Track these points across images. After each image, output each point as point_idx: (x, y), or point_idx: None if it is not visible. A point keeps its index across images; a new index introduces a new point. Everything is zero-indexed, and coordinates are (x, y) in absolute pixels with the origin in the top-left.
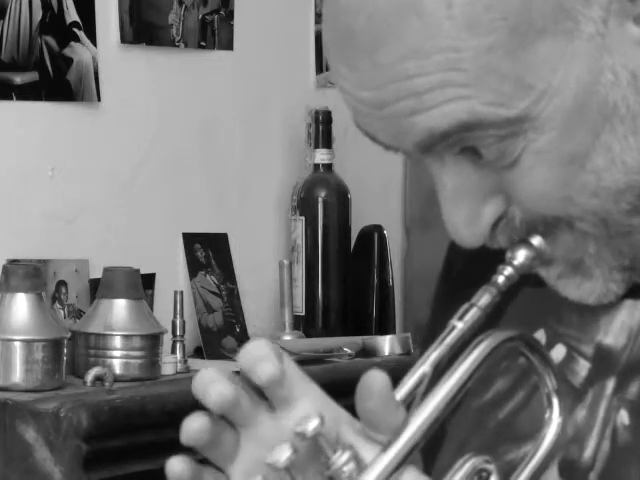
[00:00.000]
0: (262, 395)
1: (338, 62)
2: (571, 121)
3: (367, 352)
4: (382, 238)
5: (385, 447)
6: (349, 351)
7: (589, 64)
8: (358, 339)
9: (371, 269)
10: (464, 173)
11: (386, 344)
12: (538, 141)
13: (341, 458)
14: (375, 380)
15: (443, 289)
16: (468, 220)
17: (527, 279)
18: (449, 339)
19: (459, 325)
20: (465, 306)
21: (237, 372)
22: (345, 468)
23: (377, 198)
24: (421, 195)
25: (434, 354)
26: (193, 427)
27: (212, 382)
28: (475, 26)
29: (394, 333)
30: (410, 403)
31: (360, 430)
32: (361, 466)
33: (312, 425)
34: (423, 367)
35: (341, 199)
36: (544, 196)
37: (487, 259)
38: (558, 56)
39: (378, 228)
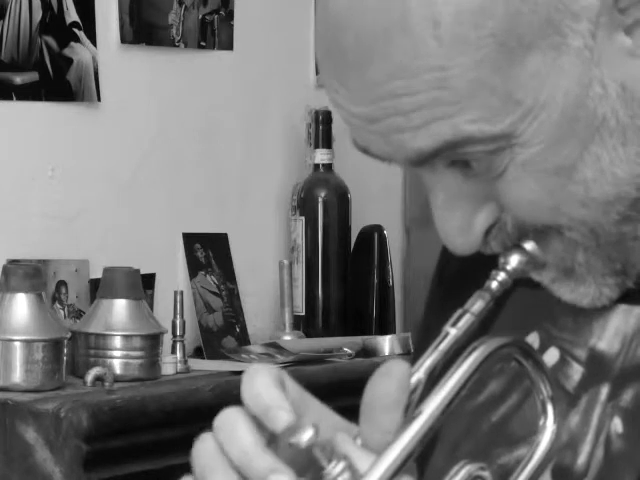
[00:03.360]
0: None
1: (329, 77)
2: (558, 135)
3: (367, 352)
4: (382, 238)
5: (380, 456)
6: (349, 351)
7: (577, 78)
8: (358, 339)
9: (371, 269)
10: (456, 182)
11: (386, 344)
12: (524, 154)
13: (336, 468)
14: (398, 366)
15: (436, 292)
16: (461, 228)
17: (521, 280)
18: (443, 345)
19: (452, 331)
20: (459, 312)
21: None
22: (340, 478)
23: (377, 198)
24: (421, 195)
25: (428, 361)
26: None
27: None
28: (463, 44)
29: (394, 333)
30: (405, 410)
31: (356, 436)
32: (356, 476)
33: (307, 436)
34: (417, 374)
35: (341, 199)
36: (531, 205)
37: (481, 262)
38: (546, 71)
39: (378, 228)
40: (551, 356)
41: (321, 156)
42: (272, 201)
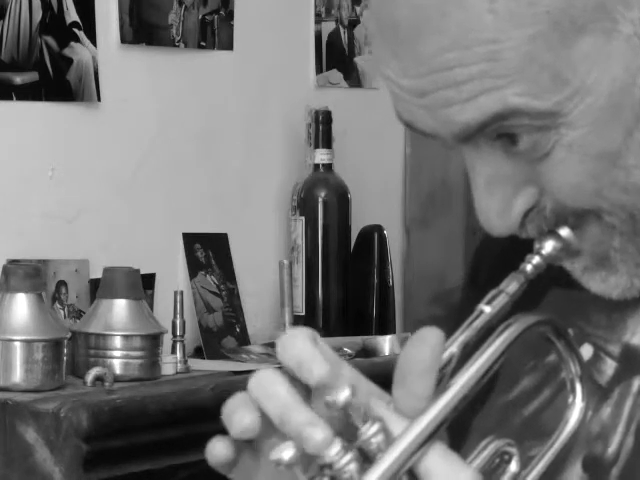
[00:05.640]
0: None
1: (382, 50)
2: (604, 119)
3: (367, 352)
4: (382, 238)
5: (413, 421)
6: (349, 351)
7: (625, 65)
8: (358, 339)
9: (371, 269)
10: (498, 162)
11: (386, 344)
12: (570, 136)
13: (370, 429)
14: (432, 333)
15: (471, 295)
16: (500, 209)
17: (556, 280)
18: (477, 323)
19: (487, 309)
20: (493, 292)
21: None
22: (374, 439)
23: (377, 198)
24: (421, 195)
25: (462, 336)
26: (217, 450)
27: (236, 409)
28: (518, 19)
29: (394, 333)
30: (439, 382)
31: (389, 402)
32: (390, 439)
33: (343, 395)
34: (451, 348)
35: (341, 199)
36: (574, 188)
37: (515, 264)
38: (595, 55)
39: (378, 228)
40: (585, 352)
41: (321, 156)
42: (272, 201)
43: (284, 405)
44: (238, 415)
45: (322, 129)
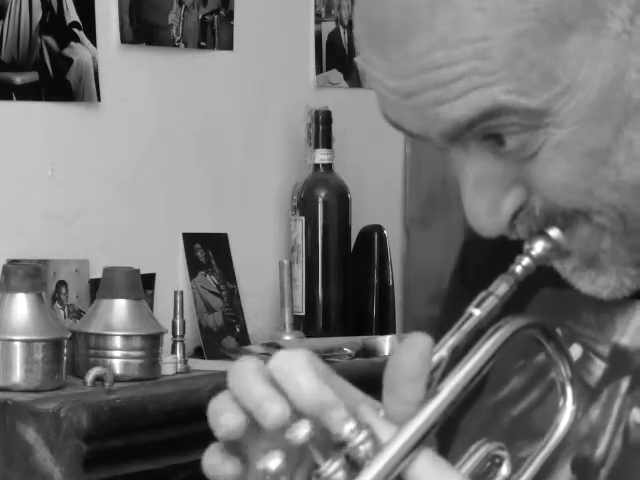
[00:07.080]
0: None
1: (369, 51)
2: (593, 117)
3: (367, 352)
4: (382, 238)
5: (402, 427)
6: (349, 351)
7: (615, 61)
8: (358, 339)
9: (371, 269)
10: (487, 163)
11: (386, 344)
12: (558, 135)
13: (358, 437)
14: (421, 338)
15: (458, 289)
16: (489, 209)
17: (546, 281)
18: (466, 326)
19: (476, 312)
20: (482, 294)
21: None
22: (362, 447)
23: (377, 198)
24: (421, 195)
25: (451, 340)
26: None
27: (222, 411)
28: (506, 16)
29: (394, 333)
30: (428, 386)
31: (379, 409)
32: (378, 446)
33: (303, 432)
34: (440, 352)
35: (341, 199)
36: (564, 187)
37: (504, 258)
38: (585, 52)
39: (378, 228)
40: (574, 352)
41: (321, 156)
42: (272, 201)
43: (247, 382)
44: (224, 418)
45: (322, 129)
